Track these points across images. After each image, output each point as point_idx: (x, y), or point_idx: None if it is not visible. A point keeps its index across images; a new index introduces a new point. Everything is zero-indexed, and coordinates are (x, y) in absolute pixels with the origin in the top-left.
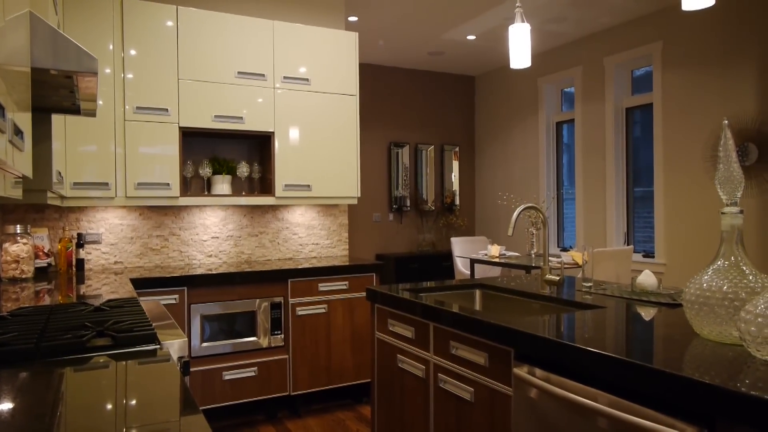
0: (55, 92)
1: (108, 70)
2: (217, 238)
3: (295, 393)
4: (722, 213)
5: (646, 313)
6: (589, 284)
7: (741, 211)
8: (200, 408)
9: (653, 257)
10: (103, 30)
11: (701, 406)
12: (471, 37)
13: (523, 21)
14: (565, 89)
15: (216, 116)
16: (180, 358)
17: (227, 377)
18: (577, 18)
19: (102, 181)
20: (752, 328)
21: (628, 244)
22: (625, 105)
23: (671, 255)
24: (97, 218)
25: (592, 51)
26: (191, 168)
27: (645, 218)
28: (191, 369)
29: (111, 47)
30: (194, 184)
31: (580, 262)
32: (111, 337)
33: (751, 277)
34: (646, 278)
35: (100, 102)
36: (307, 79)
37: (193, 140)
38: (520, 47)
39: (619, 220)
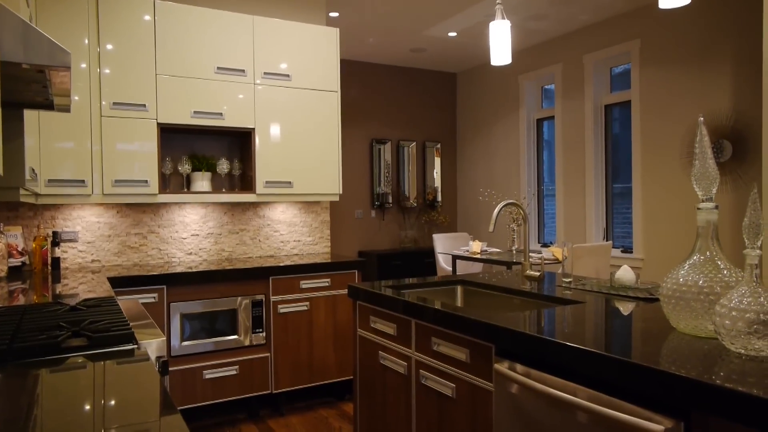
0: (27, 87)
1: (83, 65)
2: (197, 235)
3: (278, 391)
4: (698, 208)
5: (625, 308)
6: (569, 280)
7: (716, 207)
8: (181, 408)
9: (632, 252)
10: (78, 24)
11: (677, 399)
12: (452, 34)
13: (503, 18)
14: (546, 86)
15: (195, 112)
16: (158, 357)
17: (208, 376)
18: (557, 15)
19: (78, 178)
20: (726, 322)
21: (607, 240)
22: (604, 102)
23: (649, 250)
24: (74, 216)
25: (572, 48)
26: (170, 165)
27: (624, 214)
28: (171, 368)
29: (86, 42)
30: (173, 181)
31: (560, 257)
32: (87, 338)
33: (725, 272)
34: (625, 273)
35: (76, 97)
36: (287, 75)
37: (172, 136)
38: (500, 44)
39: (598, 216)
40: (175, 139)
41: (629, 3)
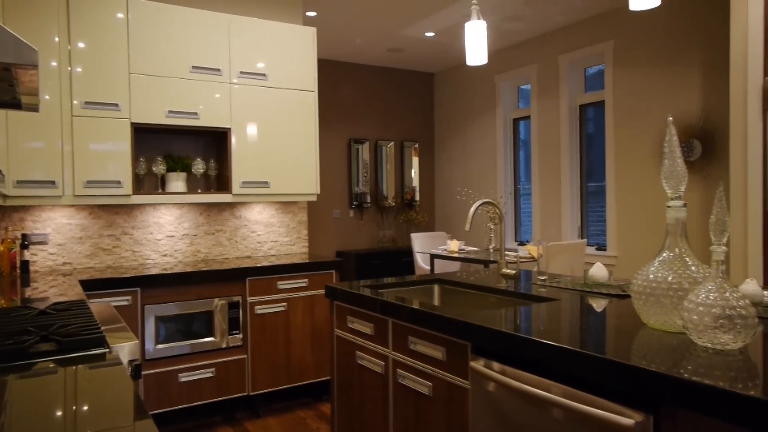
0: None
1: (54, 64)
2: (172, 236)
3: (255, 393)
4: (667, 206)
5: (598, 305)
6: (544, 277)
7: (684, 205)
8: (155, 412)
9: (605, 250)
10: (48, 21)
11: (647, 393)
12: (430, 34)
13: (479, 18)
14: (522, 86)
15: (170, 112)
16: (131, 361)
17: (183, 379)
18: (533, 16)
19: (48, 179)
20: (694, 317)
21: (581, 238)
22: (579, 102)
23: (622, 247)
24: (44, 218)
25: (547, 49)
26: (144, 165)
27: (598, 212)
28: (145, 372)
29: (57, 39)
30: (147, 182)
31: (536, 255)
32: (56, 342)
33: (693, 268)
34: (598, 271)
35: (46, 96)
36: (264, 75)
37: (146, 136)
38: (476, 44)
39: (573, 214)
40: (150, 139)
41: (603, 5)
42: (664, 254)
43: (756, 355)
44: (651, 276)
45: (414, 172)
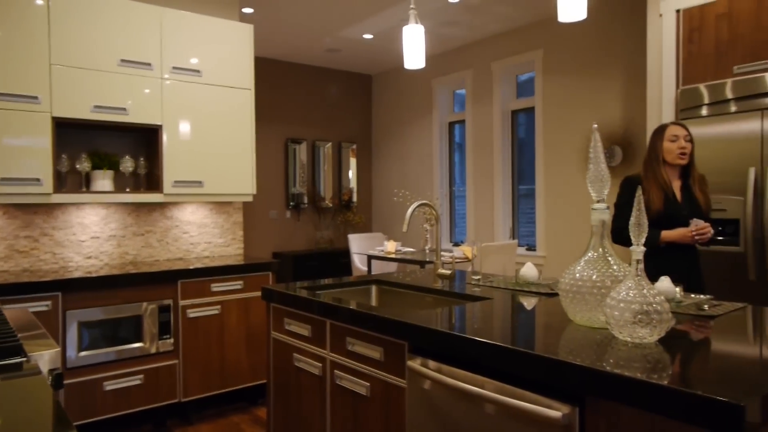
0: None
1: None
2: (98, 238)
3: (186, 399)
4: (592, 209)
5: (528, 303)
6: (478, 277)
7: (607, 207)
8: (79, 423)
9: (535, 250)
10: None
11: (573, 386)
12: (368, 36)
13: (417, 23)
14: (457, 91)
15: (96, 106)
16: (52, 370)
17: (109, 387)
18: (468, 23)
19: None
20: (615, 313)
21: (513, 239)
22: (511, 108)
23: (551, 248)
24: None
25: (481, 55)
26: (67, 162)
27: (528, 214)
28: (67, 381)
29: None
30: (71, 180)
31: (470, 256)
32: None
33: (615, 267)
34: (528, 270)
35: None
36: (198, 71)
37: (70, 132)
38: (414, 48)
39: (505, 215)
40: (73, 135)
41: (533, 15)
42: (589, 254)
43: (669, 347)
44: (577, 275)
45: (352, 173)
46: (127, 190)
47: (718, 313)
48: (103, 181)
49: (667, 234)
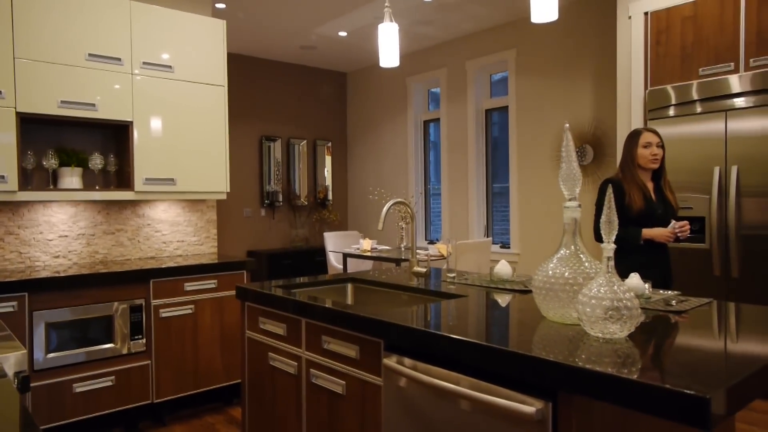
0: None
1: None
2: (66, 236)
3: (159, 400)
4: (564, 207)
5: (502, 300)
6: (453, 275)
7: (579, 206)
8: (47, 426)
9: (509, 248)
10: None
11: (546, 382)
12: (343, 34)
13: (391, 21)
14: (432, 89)
15: (63, 102)
16: (18, 373)
17: (79, 389)
18: (442, 22)
19: None
20: (587, 309)
21: (487, 236)
22: (485, 107)
23: (524, 245)
24: None
25: (456, 54)
26: (33, 159)
27: (502, 212)
28: (34, 384)
29: None
30: (37, 177)
31: (445, 254)
32: None
33: (587, 264)
34: (502, 268)
35: None
36: (170, 66)
37: (36, 128)
38: (388, 46)
39: (480, 213)
40: (39, 131)
41: (507, 15)
42: (562, 251)
43: (639, 342)
44: (550, 272)
45: (327, 171)
46: (97, 187)
47: (685, 309)
48: (72, 178)
49: (648, 231)
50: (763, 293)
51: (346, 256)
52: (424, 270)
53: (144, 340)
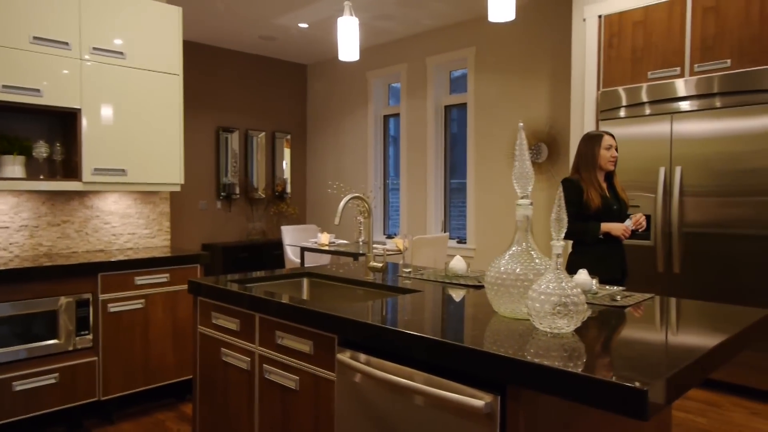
0: None
1: None
2: (7, 228)
3: (107, 397)
4: (517, 205)
5: (456, 295)
6: (409, 270)
7: (531, 203)
8: None
9: (466, 243)
10: None
11: (496, 376)
12: (303, 25)
13: (351, 14)
14: (392, 84)
15: (5, 86)
16: None
17: (19, 388)
18: (403, 17)
19: None
20: (536, 305)
21: (444, 232)
22: (444, 103)
23: (480, 241)
24: None
25: (416, 50)
26: None
27: (459, 208)
28: None
29: None
30: None
31: (402, 248)
32: None
33: (537, 261)
34: (457, 263)
35: None
36: (122, 53)
37: None
38: (348, 40)
39: (437, 209)
40: None
41: (467, 12)
42: (514, 248)
43: (584, 336)
44: (502, 268)
45: (285, 164)
46: (41, 177)
47: (629, 304)
48: (13, 167)
49: (606, 226)
50: (702, 289)
51: (303, 250)
52: (381, 265)
53: (91, 336)
